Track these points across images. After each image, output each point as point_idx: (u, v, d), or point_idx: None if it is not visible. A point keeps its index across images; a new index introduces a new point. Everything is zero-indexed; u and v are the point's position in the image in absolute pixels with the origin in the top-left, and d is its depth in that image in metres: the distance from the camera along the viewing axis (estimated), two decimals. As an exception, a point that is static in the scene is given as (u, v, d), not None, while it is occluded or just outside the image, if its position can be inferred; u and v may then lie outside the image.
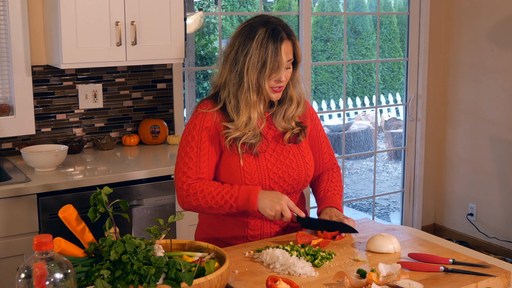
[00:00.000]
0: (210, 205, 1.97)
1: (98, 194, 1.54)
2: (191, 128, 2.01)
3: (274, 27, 1.95)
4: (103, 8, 3.01)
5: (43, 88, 3.29)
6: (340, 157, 4.70)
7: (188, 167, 1.99)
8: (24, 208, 2.70)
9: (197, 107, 2.05)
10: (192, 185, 1.98)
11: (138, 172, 2.94)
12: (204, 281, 1.44)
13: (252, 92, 1.95)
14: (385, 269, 1.66)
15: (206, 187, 1.97)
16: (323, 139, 2.21)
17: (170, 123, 3.64)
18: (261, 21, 1.97)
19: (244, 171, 1.99)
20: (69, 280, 1.25)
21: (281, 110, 2.06)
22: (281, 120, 2.05)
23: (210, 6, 9.41)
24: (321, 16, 10.03)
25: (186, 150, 2.00)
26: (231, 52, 1.98)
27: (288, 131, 2.06)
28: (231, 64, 1.98)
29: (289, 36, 1.96)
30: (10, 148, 3.24)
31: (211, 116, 2.00)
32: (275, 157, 2.03)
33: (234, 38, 1.99)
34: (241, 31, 1.98)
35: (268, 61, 1.92)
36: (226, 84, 2.00)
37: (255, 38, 1.93)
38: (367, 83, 10.38)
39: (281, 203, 1.93)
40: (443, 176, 4.79)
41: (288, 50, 1.96)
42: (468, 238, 4.64)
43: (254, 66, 1.93)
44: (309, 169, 2.09)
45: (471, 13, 4.43)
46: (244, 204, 1.94)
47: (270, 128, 2.07)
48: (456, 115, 4.63)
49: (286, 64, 1.96)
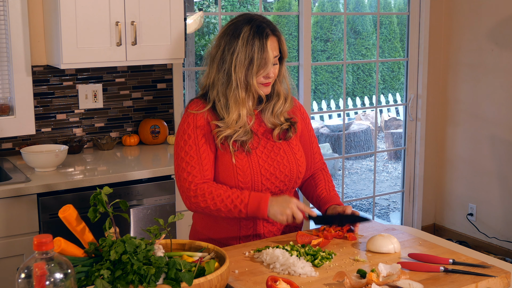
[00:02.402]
0: (219, 208, 1.97)
1: (98, 194, 1.54)
2: (185, 127, 2.02)
3: (259, 24, 1.98)
4: (103, 8, 3.01)
5: (43, 88, 3.29)
6: (340, 157, 4.70)
7: (192, 166, 1.99)
8: (24, 208, 2.70)
9: (187, 107, 2.06)
10: (200, 185, 1.98)
11: (138, 172, 2.94)
12: (204, 281, 1.44)
13: (241, 90, 1.97)
14: (385, 269, 1.66)
15: (215, 189, 1.97)
16: (314, 139, 2.24)
17: (170, 123, 3.64)
18: (244, 19, 2.00)
19: (236, 168, 2.00)
20: (69, 280, 1.25)
21: (269, 106, 2.08)
22: (270, 116, 2.07)
23: (210, 6, 9.42)
24: (321, 16, 10.03)
25: (185, 150, 2.00)
26: (217, 52, 2.01)
27: (277, 127, 2.07)
28: (218, 64, 2.00)
29: (274, 32, 1.99)
30: (10, 148, 3.24)
31: (202, 115, 2.02)
32: (266, 154, 2.05)
33: (219, 38, 2.02)
34: (226, 30, 2.01)
35: (255, 57, 1.95)
36: (214, 84, 2.02)
37: (240, 36, 1.96)
38: (367, 83, 10.38)
39: (290, 206, 1.95)
40: (443, 176, 4.79)
41: (274, 46, 1.99)
42: (468, 238, 4.64)
43: (242, 63, 1.95)
44: (300, 165, 2.10)
45: (471, 13, 4.43)
46: (254, 211, 1.96)
47: (260, 125, 2.08)
48: (456, 115, 4.63)
49: (273, 60, 1.98)
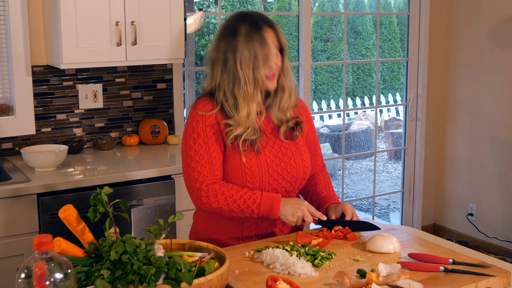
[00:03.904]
0: (231, 208, 1.97)
1: (98, 194, 1.54)
2: (194, 126, 2.01)
3: (254, 19, 2.00)
4: (103, 8, 3.01)
5: (43, 88, 3.29)
6: (340, 157, 4.70)
7: (202, 166, 1.98)
8: (24, 208, 2.70)
9: (195, 105, 2.04)
10: (211, 186, 1.97)
11: (138, 172, 2.94)
12: (204, 281, 1.44)
13: (249, 85, 1.98)
14: (385, 269, 1.66)
15: (227, 190, 1.97)
16: (316, 140, 2.26)
17: (170, 123, 3.64)
18: (239, 17, 2.02)
19: (245, 168, 2.00)
20: (69, 280, 1.25)
21: (276, 101, 2.08)
22: (277, 111, 2.08)
23: (210, 6, 9.42)
24: (321, 16, 10.03)
25: (194, 148, 1.99)
26: (219, 54, 2.01)
27: (284, 124, 2.08)
28: (222, 65, 2.00)
29: (269, 24, 2.02)
30: (10, 148, 3.24)
31: (212, 114, 2.01)
32: (274, 153, 2.05)
33: (217, 40, 2.03)
34: (223, 31, 2.03)
35: (258, 52, 1.96)
36: (220, 85, 2.02)
37: (239, 34, 1.98)
38: (367, 83, 10.38)
39: (302, 208, 1.97)
40: (443, 176, 4.79)
41: (272, 38, 2.01)
42: (468, 238, 4.64)
43: (246, 60, 1.96)
44: (306, 166, 2.11)
45: (471, 13, 4.43)
46: (267, 211, 1.97)
47: (268, 124, 2.09)
48: (456, 115, 4.63)
49: (274, 52, 2.00)
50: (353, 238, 1.99)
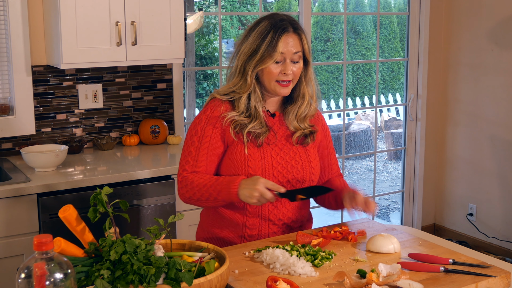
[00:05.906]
0: (198, 197, 1.99)
1: (98, 194, 1.54)
2: (197, 123, 2.05)
3: (280, 18, 2.01)
4: (103, 8, 3.01)
5: (43, 88, 3.29)
6: (340, 157, 4.70)
7: (187, 161, 2.03)
8: (24, 208, 2.70)
9: (207, 105, 2.08)
10: (186, 177, 2.01)
11: (138, 172, 2.94)
12: (204, 281, 1.44)
13: (236, 76, 2.02)
14: (385, 269, 1.66)
15: (197, 179, 1.99)
16: (331, 150, 2.24)
17: (170, 123, 3.64)
18: (268, 16, 2.05)
19: (248, 167, 2.00)
20: (69, 280, 1.25)
21: (294, 108, 2.08)
22: (293, 119, 2.08)
23: (210, 6, 9.41)
24: (321, 16, 10.03)
25: (188, 145, 2.04)
26: (238, 44, 2.06)
27: (299, 131, 2.08)
28: (234, 53, 2.07)
29: (295, 29, 2.00)
30: (10, 148, 3.24)
31: (219, 107, 2.03)
32: (281, 156, 2.05)
33: (242, 35, 2.08)
34: (249, 26, 2.06)
35: (261, 49, 1.97)
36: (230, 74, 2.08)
37: (256, 28, 2.01)
38: (367, 83, 10.38)
39: (257, 188, 1.89)
40: (443, 176, 4.79)
41: (291, 43, 1.98)
42: (468, 238, 4.64)
43: (245, 51, 2.00)
44: (313, 174, 2.10)
45: (471, 13, 4.43)
46: (227, 196, 1.95)
47: (280, 127, 2.09)
48: (456, 115, 4.63)
49: (290, 56, 1.98)
50: (354, 239, 1.99)
